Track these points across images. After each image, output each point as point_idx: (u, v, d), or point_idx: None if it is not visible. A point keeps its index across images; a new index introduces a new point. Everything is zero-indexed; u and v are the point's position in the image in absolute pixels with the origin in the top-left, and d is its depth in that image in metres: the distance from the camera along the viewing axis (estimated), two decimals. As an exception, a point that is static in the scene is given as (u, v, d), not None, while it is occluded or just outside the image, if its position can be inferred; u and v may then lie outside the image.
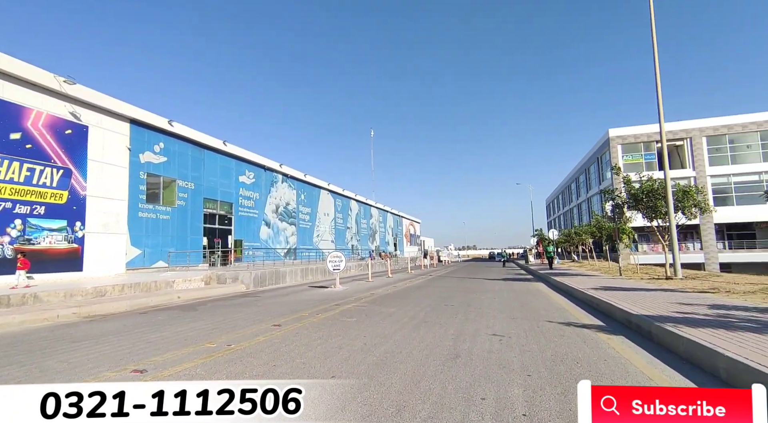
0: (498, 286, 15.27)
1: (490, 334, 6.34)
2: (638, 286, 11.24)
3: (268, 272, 17.73)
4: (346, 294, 13.10)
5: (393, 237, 65.24)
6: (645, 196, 13.08)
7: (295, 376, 4.31)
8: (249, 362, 4.86)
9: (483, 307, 9.39)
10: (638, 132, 43.25)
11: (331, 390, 2.28)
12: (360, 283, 17.84)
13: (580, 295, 10.44)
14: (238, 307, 10.36)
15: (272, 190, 30.67)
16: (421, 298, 11.54)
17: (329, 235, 40.55)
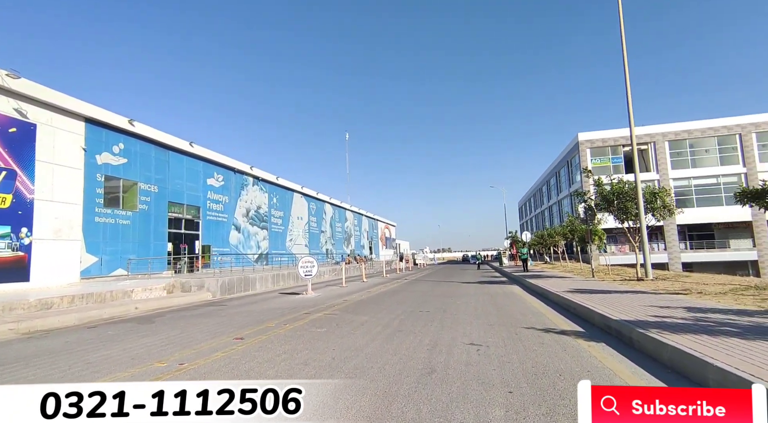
0: (473, 290, 15.07)
1: (467, 343, 6.00)
2: (612, 288, 11.23)
3: (236, 279, 16.92)
4: (317, 301, 12.55)
5: (368, 240, 64.76)
6: (616, 198, 13.20)
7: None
8: (200, 385, 4.30)
9: (459, 313, 9.08)
10: (606, 136, 44.56)
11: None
12: (333, 289, 17.29)
13: (555, 298, 10.31)
14: (199, 318, 9.66)
15: (243, 193, 29.66)
16: (395, 305, 11.15)
17: (303, 239, 39.69)
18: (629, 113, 14.23)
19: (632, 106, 14.26)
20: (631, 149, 43.39)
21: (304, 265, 14.88)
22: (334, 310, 10.17)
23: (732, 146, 41.30)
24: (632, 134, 13.94)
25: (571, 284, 12.94)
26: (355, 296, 13.79)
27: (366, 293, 14.91)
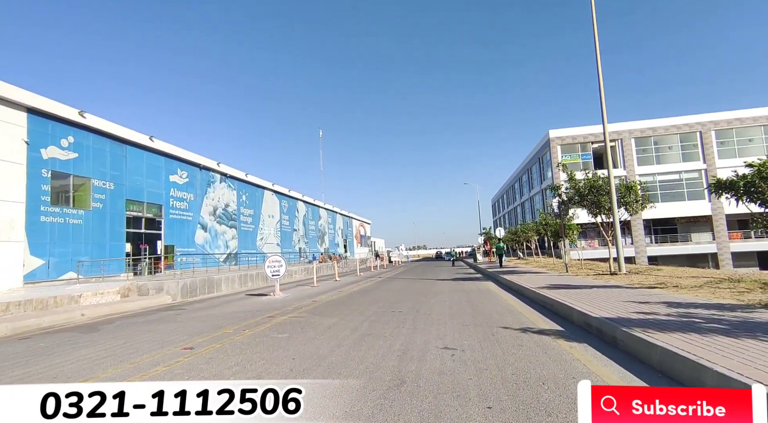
0: (448, 287, 14.70)
1: (441, 347, 5.50)
2: (587, 282, 11.06)
3: (199, 280, 15.93)
4: (285, 302, 11.83)
5: (343, 238, 63.94)
6: (589, 192, 13.11)
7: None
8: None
9: (433, 313, 8.61)
10: (576, 133, 45.44)
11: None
12: (304, 289, 16.56)
13: (531, 295, 10.01)
14: (151, 325, 8.79)
15: (209, 190, 28.35)
16: (367, 304, 10.59)
17: (274, 238, 38.55)
18: (602, 111, 14.17)
19: (605, 104, 14.23)
20: (599, 146, 44.19)
21: (271, 265, 14.10)
22: (301, 313, 9.51)
23: (693, 143, 42.87)
24: (605, 131, 13.91)
25: (546, 280, 12.74)
26: (325, 296, 13.14)
27: (337, 293, 14.28)
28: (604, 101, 14.09)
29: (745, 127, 41.60)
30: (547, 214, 21.00)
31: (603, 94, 14.13)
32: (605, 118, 13.92)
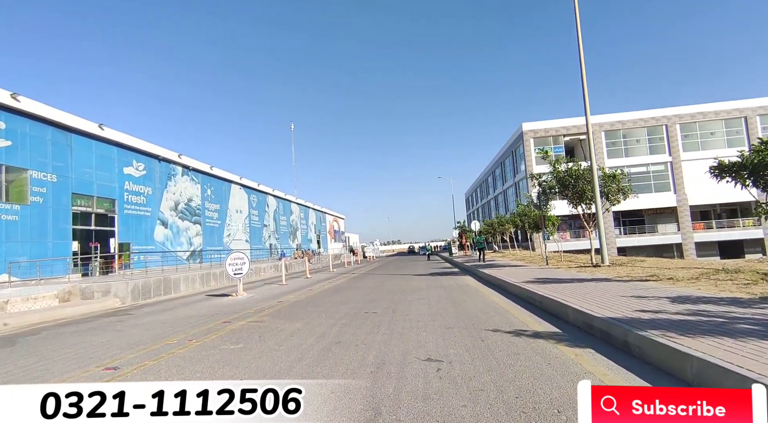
0: (426, 283, 13.89)
1: (424, 358, 4.59)
2: (573, 276, 10.46)
3: (153, 281, 14.45)
4: (247, 304, 10.67)
5: (316, 234, 62.43)
6: (573, 181, 12.57)
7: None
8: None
9: (411, 313, 7.72)
10: (549, 126, 45.68)
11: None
12: (271, 288, 15.38)
13: (516, 291, 9.28)
14: (82, 336, 7.49)
15: (170, 184, 26.45)
16: (338, 305, 9.59)
17: (243, 234, 36.80)
18: (585, 100, 13.64)
19: (587, 94, 13.73)
20: (571, 139, 44.46)
21: (233, 263, 12.85)
22: (263, 316, 8.41)
23: (659, 136, 43.86)
24: (587, 120, 13.39)
25: (528, 273, 12.12)
26: (293, 296, 12.05)
27: (307, 292, 13.20)
28: (586, 90, 13.56)
29: (707, 121, 42.87)
30: (525, 205, 20.57)
31: (585, 83, 13.60)
32: (587, 107, 13.42)
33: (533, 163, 45.50)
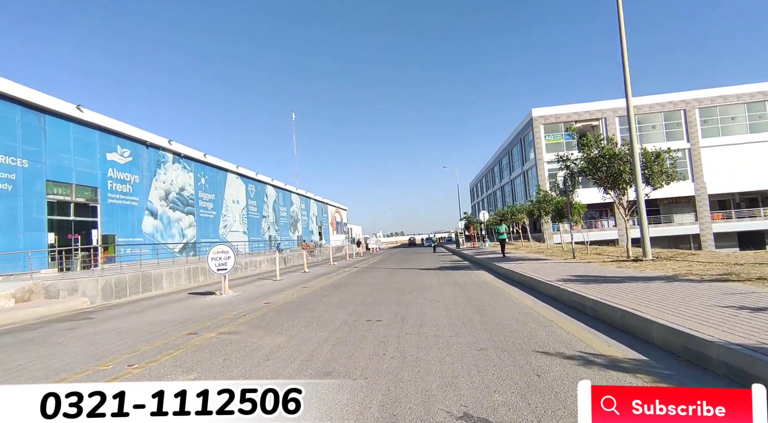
0: (437, 279, 12.24)
1: (458, 415, 2.92)
2: (618, 273, 8.74)
3: (130, 277, 12.87)
4: (228, 306, 9.06)
5: (318, 226, 60.82)
6: (607, 161, 10.85)
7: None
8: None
9: (426, 322, 6.06)
10: (559, 112, 43.59)
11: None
12: (262, 284, 13.78)
13: (553, 292, 7.58)
14: (16, 349, 5.88)
15: (159, 172, 24.81)
16: (335, 308, 7.94)
17: (240, 225, 35.21)
18: (625, 75, 11.87)
19: (628, 69, 11.96)
20: (584, 125, 42.17)
21: (216, 257, 11.21)
22: (240, 324, 6.78)
23: (677, 122, 41.72)
24: (628, 91, 11.56)
25: (557, 269, 10.43)
26: (283, 295, 10.43)
27: (301, 290, 11.58)
28: (626, 58, 11.74)
29: (728, 105, 40.65)
30: (546, 191, 18.71)
31: (625, 51, 11.79)
32: (628, 79, 11.62)
33: (543, 150, 43.51)
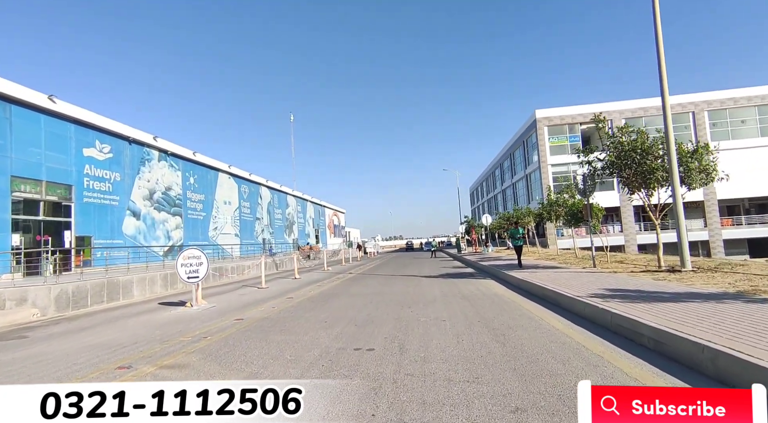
0: (439, 289, 10.76)
1: None
2: (664, 287, 7.27)
3: (91, 285, 11.37)
4: (193, 322, 7.58)
5: (314, 228, 59.32)
6: (639, 157, 9.46)
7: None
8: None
9: (431, 358, 4.58)
10: (564, 113, 42.36)
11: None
12: (244, 293, 12.29)
13: (589, 312, 6.09)
14: None
15: (143, 170, 23.34)
16: (317, 329, 6.46)
17: (232, 227, 33.71)
18: (660, 68, 10.45)
19: (663, 61, 10.63)
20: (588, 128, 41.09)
21: (186, 263, 9.71)
22: (193, 351, 5.30)
23: (685, 125, 40.42)
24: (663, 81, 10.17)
25: (581, 280, 8.98)
26: (263, 309, 8.94)
27: (285, 302, 10.08)
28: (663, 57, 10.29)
29: (738, 108, 39.42)
30: (558, 193, 17.22)
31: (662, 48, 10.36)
32: (664, 75, 10.23)
33: (547, 152, 42.15)
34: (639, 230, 41.60)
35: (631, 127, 10.64)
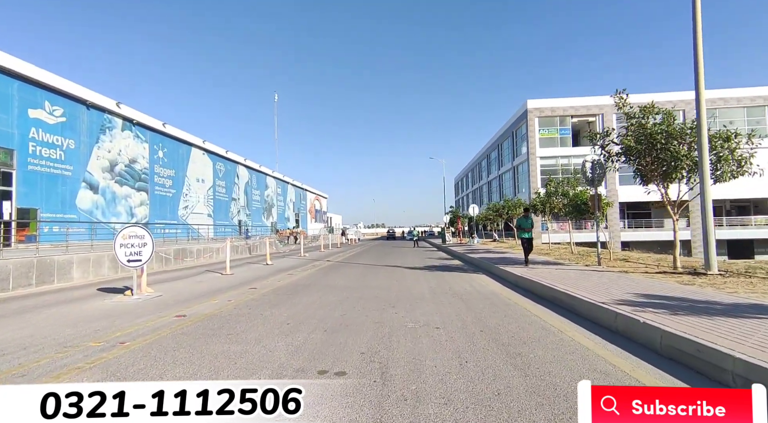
0: (427, 285, 9.40)
1: None
2: (703, 295, 6.06)
3: (17, 264, 9.56)
4: (120, 318, 6.01)
5: (295, 212, 57.31)
6: (665, 141, 8.22)
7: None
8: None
9: (426, 395, 3.20)
10: (555, 105, 41.36)
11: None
12: (202, 281, 10.70)
13: (620, 324, 4.81)
14: None
15: (104, 138, 21.10)
16: (274, 336, 4.99)
17: (205, 207, 31.63)
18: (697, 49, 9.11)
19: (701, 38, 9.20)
20: (579, 121, 39.79)
21: (126, 243, 8.05)
22: (87, 370, 3.78)
23: (675, 123, 39.82)
24: (698, 49, 8.88)
25: (591, 281, 7.75)
26: (216, 302, 7.40)
27: (245, 293, 8.55)
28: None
29: (727, 108, 39.12)
30: (563, 182, 15.92)
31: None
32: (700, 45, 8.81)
33: (537, 144, 41.16)
34: (623, 227, 41.37)
35: (657, 106, 9.35)
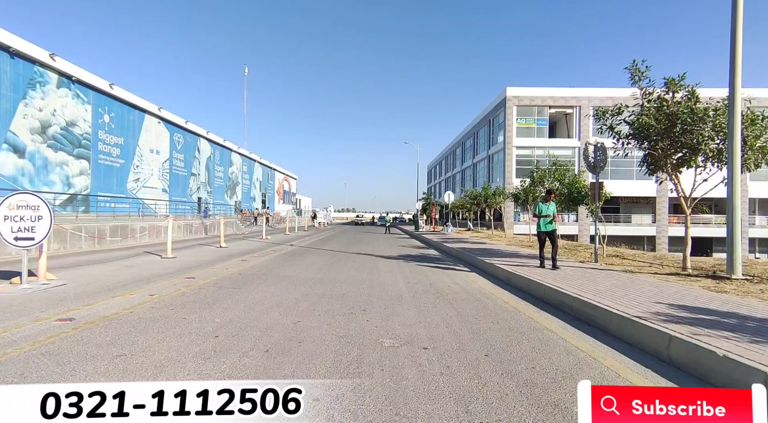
0: (404, 280, 7.96)
1: None
2: (749, 308, 4.93)
3: None
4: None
5: (261, 192, 54.50)
6: (691, 121, 7.10)
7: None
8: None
9: None
10: (535, 94, 40.64)
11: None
12: (133, 265, 8.81)
13: (674, 351, 3.53)
14: None
15: (33, 94, 18.16)
16: (189, 358, 3.37)
17: (159, 181, 28.81)
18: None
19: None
20: (557, 112, 39.29)
21: (12, 215, 6.08)
22: None
23: (649, 120, 40.04)
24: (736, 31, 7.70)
25: (599, 282, 6.55)
26: (130, 299, 5.65)
27: (177, 286, 6.82)
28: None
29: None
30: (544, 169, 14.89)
31: None
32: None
33: (514, 134, 40.46)
34: (592, 222, 41.61)
35: (684, 82, 8.18)
